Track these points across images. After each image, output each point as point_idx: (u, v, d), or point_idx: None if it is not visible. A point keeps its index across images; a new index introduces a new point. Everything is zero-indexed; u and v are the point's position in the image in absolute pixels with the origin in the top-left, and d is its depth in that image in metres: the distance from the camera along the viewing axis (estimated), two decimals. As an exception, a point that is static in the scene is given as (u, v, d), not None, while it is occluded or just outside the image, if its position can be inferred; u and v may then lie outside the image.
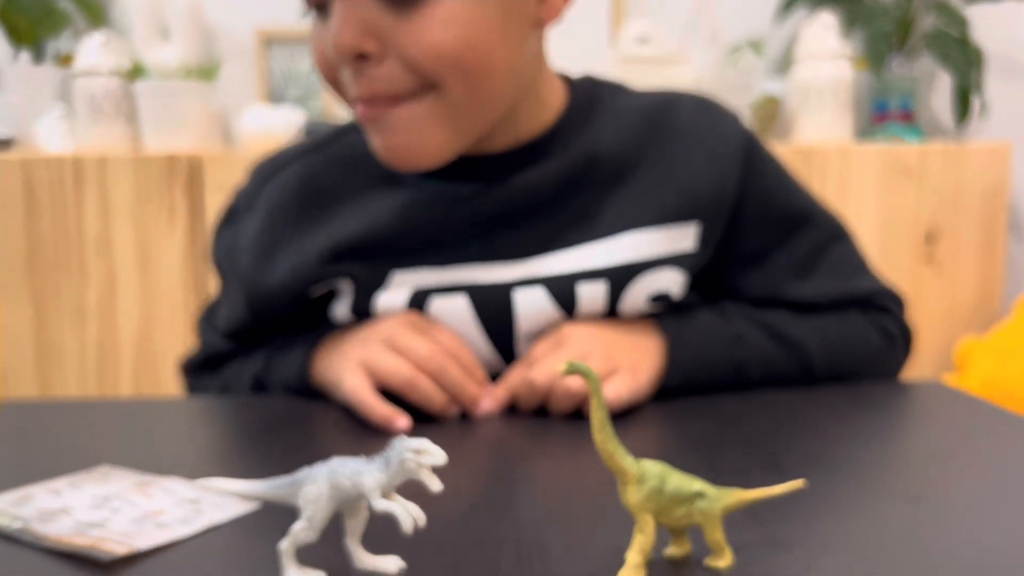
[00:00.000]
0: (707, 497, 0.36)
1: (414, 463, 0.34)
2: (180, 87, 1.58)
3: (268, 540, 0.39)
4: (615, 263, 0.64)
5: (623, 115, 0.68)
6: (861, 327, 0.70)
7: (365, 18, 0.56)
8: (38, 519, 0.42)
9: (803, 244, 0.69)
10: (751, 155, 0.68)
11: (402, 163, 0.61)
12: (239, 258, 0.69)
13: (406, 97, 0.58)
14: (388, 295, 0.64)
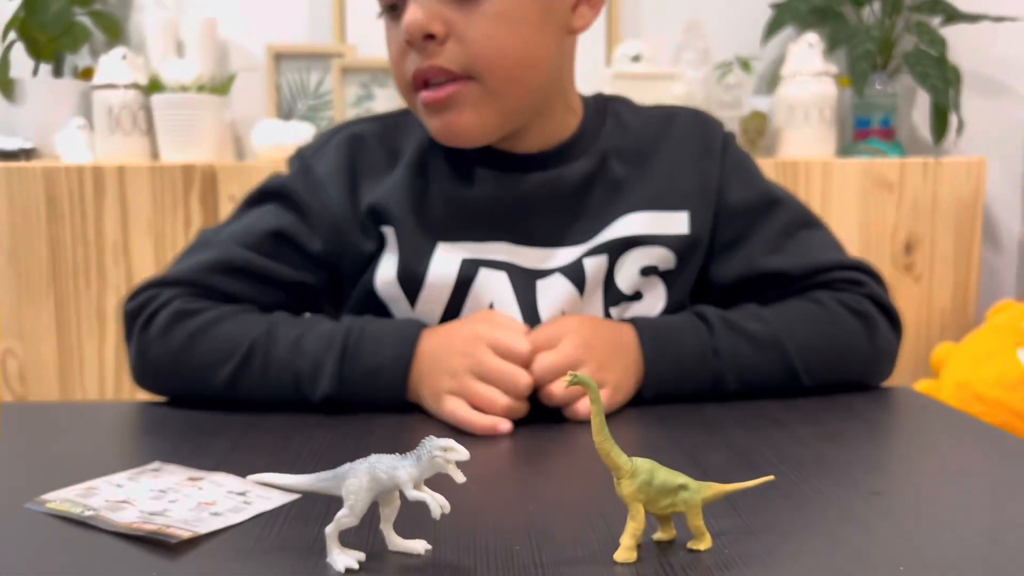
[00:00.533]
0: (689, 489, 0.44)
1: (442, 459, 0.41)
2: (195, 100, 1.65)
3: (312, 526, 0.46)
4: (612, 237, 0.74)
5: (630, 125, 0.79)
6: (841, 317, 0.74)
7: (434, 6, 0.67)
8: (106, 508, 0.49)
9: (775, 225, 0.77)
10: (727, 153, 0.79)
11: (453, 139, 0.73)
12: (317, 188, 0.75)
13: (458, 77, 0.69)
14: (439, 263, 0.73)
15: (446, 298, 0.74)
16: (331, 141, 0.78)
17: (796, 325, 0.73)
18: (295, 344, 0.69)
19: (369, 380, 0.68)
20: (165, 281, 0.74)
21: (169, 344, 0.71)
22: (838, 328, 0.74)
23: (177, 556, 0.43)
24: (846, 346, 0.74)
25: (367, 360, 0.68)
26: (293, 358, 0.69)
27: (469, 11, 0.68)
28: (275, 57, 1.79)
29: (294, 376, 0.69)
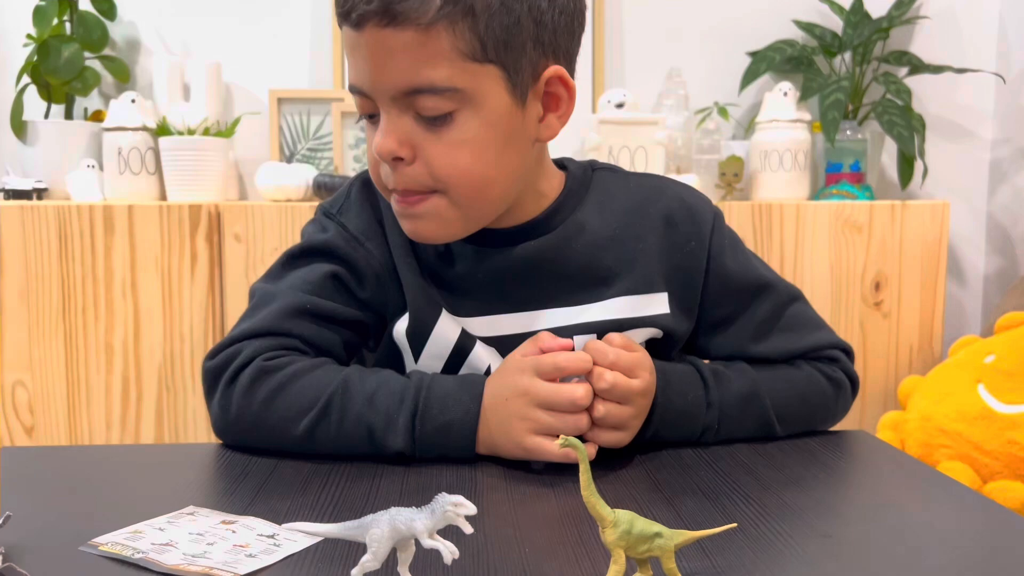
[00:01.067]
0: (664, 536, 0.51)
1: (453, 513, 0.49)
2: (201, 143, 1.73)
3: (337, 567, 0.53)
4: (601, 319, 0.80)
5: (612, 198, 0.84)
6: (816, 381, 0.83)
7: (403, 131, 0.73)
8: (153, 551, 0.56)
9: (762, 310, 0.84)
10: (716, 237, 0.84)
11: (421, 240, 0.79)
12: (356, 244, 0.81)
13: (426, 193, 0.75)
14: (442, 328, 0.80)
15: (445, 358, 0.81)
16: (351, 195, 0.84)
17: (777, 384, 0.82)
18: (369, 400, 0.73)
19: (440, 436, 0.73)
20: (244, 335, 0.78)
21: (252, 401, 0.75)
22: (812, 391, 0.84)
23: (223, 593, 0.51)
24: (818, 406, 0.85)
25: (437, 418, 0.73)
26: (367, 413, 0.73)
27: (436, 136, 0.72)
28: (277, 101, 1.87)
29: (368, 430, 0.73)
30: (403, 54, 0.70)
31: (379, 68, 0.71)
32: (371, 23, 0.69)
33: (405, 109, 0.72)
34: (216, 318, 1.67)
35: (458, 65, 0.70)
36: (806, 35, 1.98)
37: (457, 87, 0.71)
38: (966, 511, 0.65)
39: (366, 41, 0.71)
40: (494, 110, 0.73)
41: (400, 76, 0.70)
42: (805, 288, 1.73)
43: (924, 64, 1.91)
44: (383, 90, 0.72)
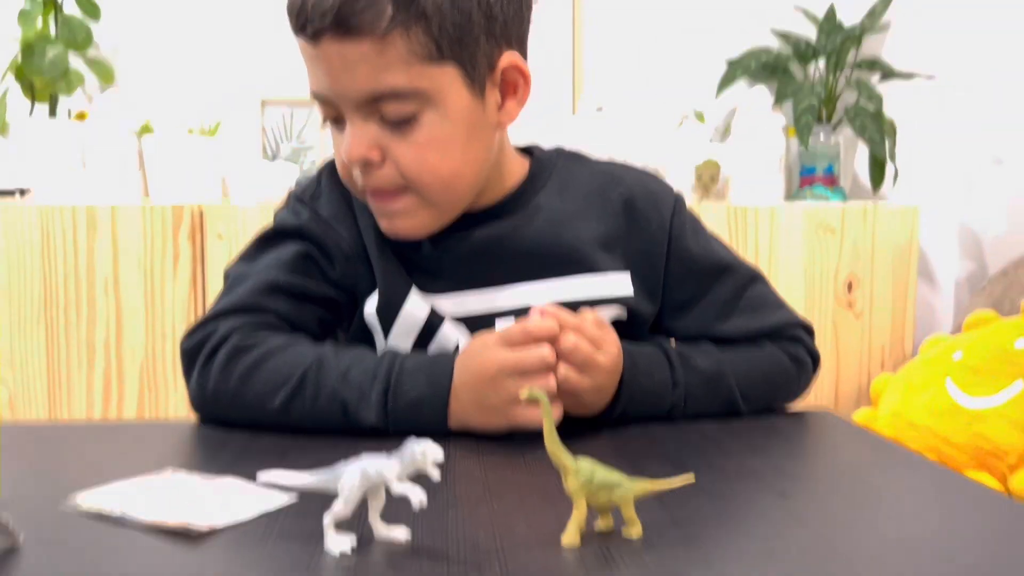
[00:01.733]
0: (623, 486, 0.53)
1: (421, 459, 0.51)
2: (185, 143, 1.75)
3: (311, 521, 0.55)
4: (567, 299, 0.82)
5: (574, 182, 0.87)
6: (779, 359, 0.85)
7: (370, 136, 0.75)
8: (132, 508, 0.58)
9: (724, 290, 0.87)
10: (676, 220, 0.86)
11: (396, 237, 0.82)
12: (327, 227, 0.83)
13: (397, 192, 0.78)
14: (411, 306, 0.82)
15: (415, 337, 0.83)
16: (321, 182, 0.87)
17: (740, 364, 0.84)
18: (343, 376, 0.75)
19: (412, 412, 0.74)
20: (219, 313, 0.80)
21: (229, 378, 0.77)
22: (775, 369, 0.86)
23: (199, 545, 0.52)
24: (781, 384, 0.87)
25: (408, 394, 0.73)
26: (341, 388, 0.74)
27: (402, 137, 0.75)
28: (261, 103, 1.90)
29: (342, 405, 0.74)
30: (362, 64, 0.72)
31: (340, 79, 0.73)
32: (327, 37, 0.71)
33: (370, 114, 0.74)
34: (199, 316, 1.68)
35: (416, 68, 0.73)
36: (781, 42, 2.03)
37: (418, 89, 0.73)
38: (919, 476, 0.68)
39: (324, 54, 0.73)
40: (455, 106, 0.75)
41: (361, 84, 0.73)
42: (780, 288, 1.76)
43: (895, 71, 1.96)
44: (346, 98, 0.74)
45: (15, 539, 0.50)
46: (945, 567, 0.49)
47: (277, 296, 0.81)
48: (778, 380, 0.87)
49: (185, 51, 1.97)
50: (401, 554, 0.50)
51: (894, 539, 0.53)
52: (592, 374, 0.74)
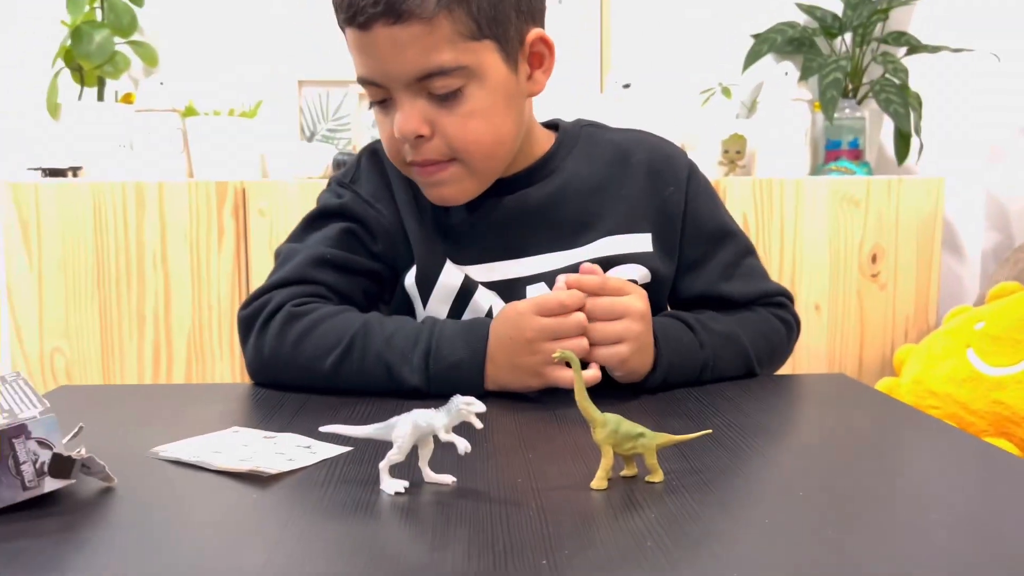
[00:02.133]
0: (646, 436, 0.59)
1: (466, 410, 0.57)
2: (226, 123, 1.82)
3: (366, 467, 0.61)
4: (591, 257, 0.88)
5: (598, 149, 0.94)
6: (772, 322, 0.94)
7: (420, 111, 0.82)
8: (206, 455, 0.65)
9: (727, 254, 0.94)
10: (692, 184, 0.93)
11: (442, 203, 0.89)
12: (368, 206, 0.90)
13: (444, 163, 0.85)
14: (446, 276, 0.89)
15: (450, 303, 0.90)
16: (360, 166, 0.94)
17: (746, 326, 0.91)
18: (387, 341, 0.81)
19: (451, 374, 0.79)
20: (273, 285, 0.87)
21: (283, 342, 0.84)
22: (771, 330, 0.93)
23: (267, 487, 0.59)
24: (777, 344, 0.94)
25: (447, 358, 0.79)
26: (385, 352, 0.80)
27: (448, 111, 0.82)
28: (299, 84, 1.96)
29: (386, 367, 0.80)
30: (412, 45, 0.78)
31: (392, 61, 0.79)
32: (379, 23, 0.78)
33: (418, 92, 0.81)
34: (242, 288, 1.76)
35: (460, 46, 0.80)
36: (807, 17, 2.04)
37: (462, 65, 0.80)
38: (925, 433, 0.73)
39: (376, 39, 0.79)
40: (495, 79, 0.82)
41: (412, 65, 0.79)
42: (805, 260, 1.81)
43: (922, 44, 1.97)
44: (397, 79, 0.80)
45: (110, 479, 0.57)
46: (943, 514, 0.54)
47: (325, 269, 0.88)
48: (774, 340, 0.93)
49: (225, 35, 2.03)
50: (448, 495, 0.57)
51: (900, 488, 0.58)
52: (627, 321, 0.80)
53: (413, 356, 0.81)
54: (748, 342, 0.90)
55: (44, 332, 1.75)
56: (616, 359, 0.80)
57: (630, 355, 0.80)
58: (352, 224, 0.90)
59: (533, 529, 0.50)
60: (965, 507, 0.54)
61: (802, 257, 1.81)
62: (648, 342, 0.82)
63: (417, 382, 0.81)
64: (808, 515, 0.53)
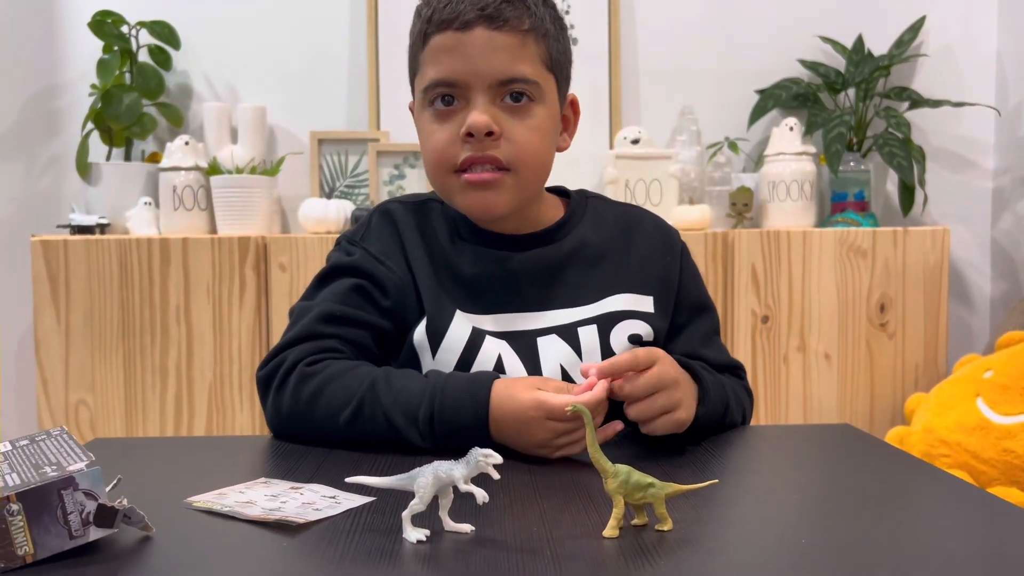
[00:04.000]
0: (656, 486, 0.62)
1: (484, 462, 0.60)
2: (248, 181, 1.88)
3: (389, 517, 0.64)
4: (601, 312, 0.94)
5: (605, 218, 1.01)
6: (738, 388, 0.98)
7: (494, 112, 0.89)
8: (237, 506, 0.68)
9: (705, 325, 1.01)
10: (684, 258, 1.02)
11: (483, 213, 0.93)
12: (378, 262, 0.95)
13: (497, 171, 0.90)
14: (455, 328, 0.93)
15: (459, 354, 0.93)
16: (371, 224, 0.99)
17: (726, 383, 0.95)
18: (394, 400, 0.85)
19: (455, 439, 0.82)
20: (287, 344, 0.91)
21: (298, 402, 0.88)
22: (742, 394, 0.99)
23: (296, 535, 0.62)
24: (747, 407, 1.00)
25: (452, 421, 0.83)
26: (392, 414, 0.84)
27: (517, 120, 0.90)
28: (318, 142, 2.03)
29: (395, 430, 0.84)
30: (505, 51, 0.88)
31: (485, 60, 0.88)
32: (480, 26, 0.88)
33: (494, 98, 0.89)
34: (263, 341, 1.80)
35: (538, 67, 0.91)
36: (811, 73, 2.10)
37: (538, 82, 0.90)
38: (936, 489, 0.75)
39: (473, 40, 0.88)
40: (552, 109, 0.93)
41: (502, 67, 0.88)
42: (813, 309, 1.84)
43: (923, 99, 2.02)
44: (484, 78, 0.88)
45: (149, 528, 0.61)
46: (947, 566, 0.57)
47: (336, 324, 0.92)
48: (745, 403, 0.99)
49: (247, 95, 2.11)
50: (467, 543, 0.59)
51: (904, 539, 0.61)
52: (669, 391, 0.82)
53: (418, 419, 0.84)
54: (733, 399, 0.95)
55: (70, 384, 1.79)
56: (672, 427, 0.83)
57: (681, 417, 0.83)
58: (362, 280, 0.94)
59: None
60: (967, 558, 0.57)
61: (810, 307, 1.84)
62: (688, 395, 0.85)
63: (422, 444, 0.84)
64: (812, 565, 0.55)
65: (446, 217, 0.98)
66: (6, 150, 2.09)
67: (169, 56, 2.02)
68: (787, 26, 2.12)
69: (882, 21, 2.11)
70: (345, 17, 2.11)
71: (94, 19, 1.96)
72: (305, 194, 2.04)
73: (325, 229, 1.85)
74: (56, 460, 0.60)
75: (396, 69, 2.05)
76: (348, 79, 2.11)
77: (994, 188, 2.17)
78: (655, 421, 0.82)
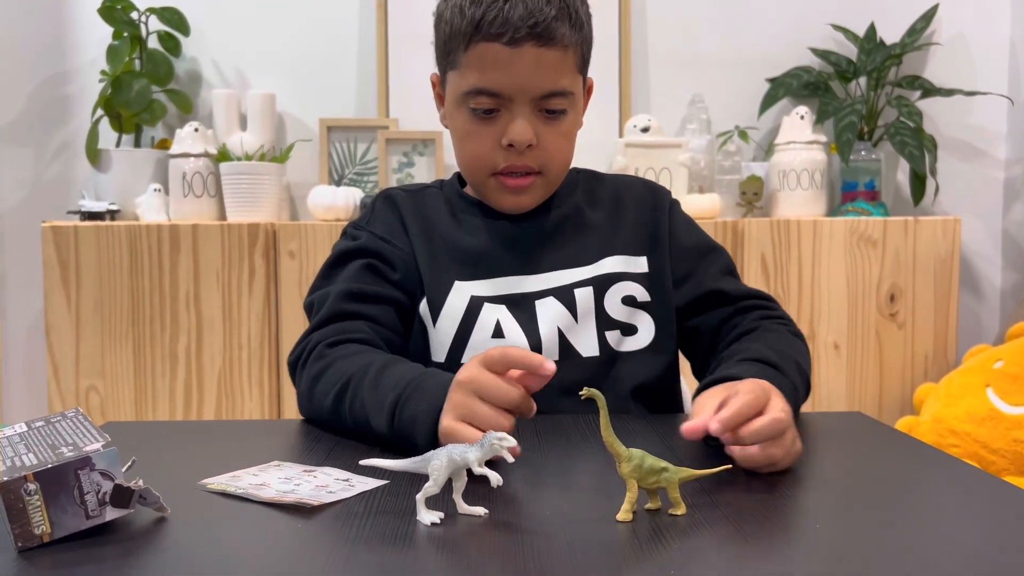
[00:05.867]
0: (669, 471, 0.62)
1: (498, 445, 0.60)
2: (257, 168, 1.88)
3: (403, 499, 0.65)
4: (596, 274, 0.97)
5: (597, 190, 1.05)
6: (790, 337, 0.94)
7: (535, 124, 0.93)
8: (252, 488, 0.68)
9: (715, 264, 1.01)
10: (674, 212, 1.04)
11: (512, 210, 0.98)
12: (385, 242, 0.98)
13: (530, 174, 0.95)
14: (453, 297, 0.95)
15: (457, 322, 0.95)
16: (375, 209, 1.03)
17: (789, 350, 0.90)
18: (373, 385, 0.80)
19: (410, 427, 0.76)
20: (313, 328, 0.93)
21: (307, 383, 0.89)
22: (799, 344, 0.96)
23: (310, 518, 0.62)
24: (805, 352, 0.95)
25: (411, 408, 0.76)
26: (368, 397, 0.80)
27: (551, 128, 0.94)
28: (327, 129, 2.02)
29: (365, 414, 0.80)
30: (550, 67, 0.91)
31: (531, 77, 0.90)
32: (529, 43, 0.89)
33: (534, 108, 0.92)
34: (272, 328, 1.80)
35: (573, 74, 0.94)
36: (822, 62, 2.09)
37: (573, 91, 0.94)
38: (948, 476, 0.75)
39: (522, 56, 0.89)
40: (578, 107, 0.97)
41: (546, 83, 0.91)
42: (823, 298, 1.83)
43: (935, 88, 2.01)
44: (528, 93, 0.91)
45: (164, 509, 0.61)
46: (959, 550, 0.57)
47: (357, 301, 0.94)
48: (802, 346, 0.95)
49: (256, 83, 2.11)
50: (480, 526, 0.60)
51: (916, 524, 0.61)
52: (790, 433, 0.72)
53: (386, 404, 0.78)
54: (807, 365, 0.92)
55: (80, 370, 1.80)
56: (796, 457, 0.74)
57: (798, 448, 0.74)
58: (371, 260, 0.97)
59: (562, 560, 0.53)
60: (981, 544, 0.57)
61: (820, 297, 1.84)
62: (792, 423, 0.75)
63: (384, 429, 0.78)
64: (826, 548, 0.55)
65: (445, 199, 1.02)
66: (17, 136, 2.10)
67: (179, 43, 2.02)
68: (798, 14, 2.11)
69: (894, 9, 2.09)
70: (355, 4, 2.10)
71: (104, 5, 1.95)
72: (314, 181, 2.04)
73: (334, 216, 1.85)
74: (72, 441, 0.60)
75: (405, 57, 2.05)
76: (357, 66, 2.10)
77: (1006, 178, 2.15)
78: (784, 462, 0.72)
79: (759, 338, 0.94)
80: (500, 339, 0.94)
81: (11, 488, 0.54)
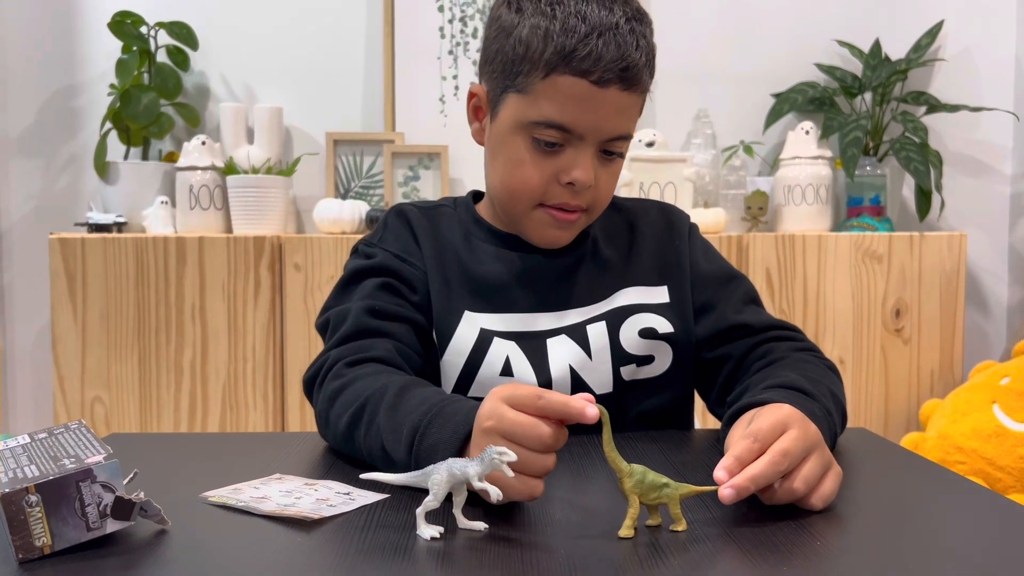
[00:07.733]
0: (670, 487, 0.62)
1: (498, 460, 0.60)
2: (263, 181, 1.89)
3: (403, 513, 0.64)
4: (609, 308, 0.94)
5: (613, 218, 1.00)
6: (823, 368, 0.88)
7: (592, 165, 0.89)
8: (253, 501, 0.68)
9: (737, 293, 0.98)
10: (693, 238, 1.01)
11: (550, 245, 0.94)
12: (401, 260, 0.95)
13: (578, 210, 0.91)
14: (464, 328, 0.92)
15: (466, 356, 0.91)
16: (387, 225, 0.98)
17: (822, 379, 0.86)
18: (391, 409, 0.75)
19: (430, 455, 0.69)
20: (332, 345, 0.88)
21: (324, 403, 0.84)
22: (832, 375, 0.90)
23: (311, 531, 0.62)
24: (837, 380, 0.90)
25: (432, 437, 0.70)
26: (384, 423, 0.75)
27: (606, 169, 0.90)
28: (333, 143, 2.03)
29: (381, 441, 0.75)
30: (626, 112, 0.88)
31: (609, 119, 0.87)
32: (615, 86, 0.85)
33: (599, 149, 0.89)
34: (276, 340, 1.81)
35: (637, 116, 0.91)
36: (827, 77, 2.09)
37: (632, 133, 0.91)
38: (952, 493, 0.75)
39: (606, 98, 0.85)
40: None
41: (619, 126, 0.88)
42: (828, 314, 1.83)
43: (941, 103, 2.01)
44: (600, 134, 0.87)
45: (165, 522, 0.61)
46: (963, 570, 0.56)
47: (380, 318, 0.90)
48: (835, 377, 0.90)
49: (263, 96, 2.12)
50: (480, 540, 0.60)
51: (919, 541, 0.60)
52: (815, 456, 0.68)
53: (404, 433, 0.73)
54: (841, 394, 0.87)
55: (85, 381, 1.80)
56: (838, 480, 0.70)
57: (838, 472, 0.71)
58: (388, 279, 0.93)
59: (562, 575, 0.53)
60: (984, 562, 0.56)
61: (825, 312, 1.83)
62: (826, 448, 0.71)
63: (403, 457, 0.73)
64: (827, 566, 0.55)
65: (458, 220, 0.98)
66: (25, 149, 2.11)
67: (187, 56, 2.04)
68: (804, 29, 2.12)
69: (900, 25, 2.10)
70: (362, 19, 2.12)
71: (113, 19, 1.97)
72: (320, 194, 2.05)
73: (340, 230, 1.86)
74: (74, 452, 0.60)
75: (412, 71, 2.06)
76: (364, 80, 2.11)
77: (1012, 193, 2.15)
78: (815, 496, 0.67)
79: (788, 366, 0.87)
80: (508, 377, 0.90)
81: (12, 499, 0.54)
